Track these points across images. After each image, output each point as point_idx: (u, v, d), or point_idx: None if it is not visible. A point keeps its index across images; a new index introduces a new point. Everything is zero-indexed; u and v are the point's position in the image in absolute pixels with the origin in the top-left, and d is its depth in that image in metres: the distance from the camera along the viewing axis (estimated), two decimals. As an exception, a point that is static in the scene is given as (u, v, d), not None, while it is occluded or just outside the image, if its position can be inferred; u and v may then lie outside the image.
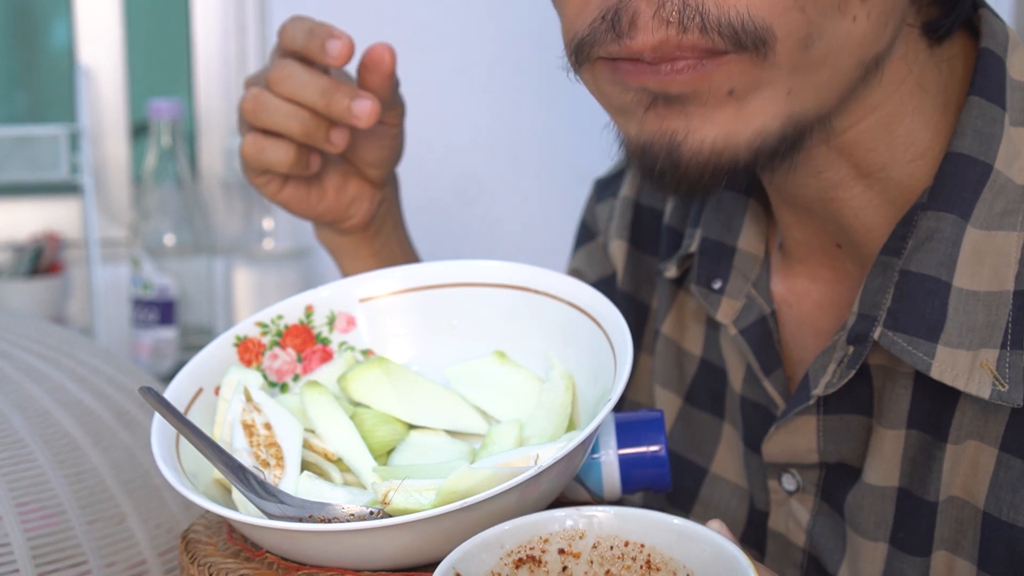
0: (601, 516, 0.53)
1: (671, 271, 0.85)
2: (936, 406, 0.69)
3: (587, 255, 0.98)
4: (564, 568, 0.54)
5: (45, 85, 1.77)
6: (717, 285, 0.81)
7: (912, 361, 0.67)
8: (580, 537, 0.54)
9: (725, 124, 0.64)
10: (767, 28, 0.61)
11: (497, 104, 1.67)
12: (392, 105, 0.86)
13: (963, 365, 0.66)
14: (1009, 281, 0.66)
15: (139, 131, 1.72)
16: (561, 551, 0.54)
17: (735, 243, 0.81)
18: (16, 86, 1.77)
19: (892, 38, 0.67)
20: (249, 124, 0.84)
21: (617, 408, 0.94)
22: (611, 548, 0.53)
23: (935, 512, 0.69)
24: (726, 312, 0.80)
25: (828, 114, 0.67)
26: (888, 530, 0.71)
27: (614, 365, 0.63)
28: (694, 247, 0.83)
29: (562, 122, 1.70)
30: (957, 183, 0.68)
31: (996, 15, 0.72)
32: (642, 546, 0.53)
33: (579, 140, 1.70)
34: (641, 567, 0.53)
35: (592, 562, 0.54)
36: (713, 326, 0.85)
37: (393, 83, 0.83)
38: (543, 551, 0.54)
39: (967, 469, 0.67)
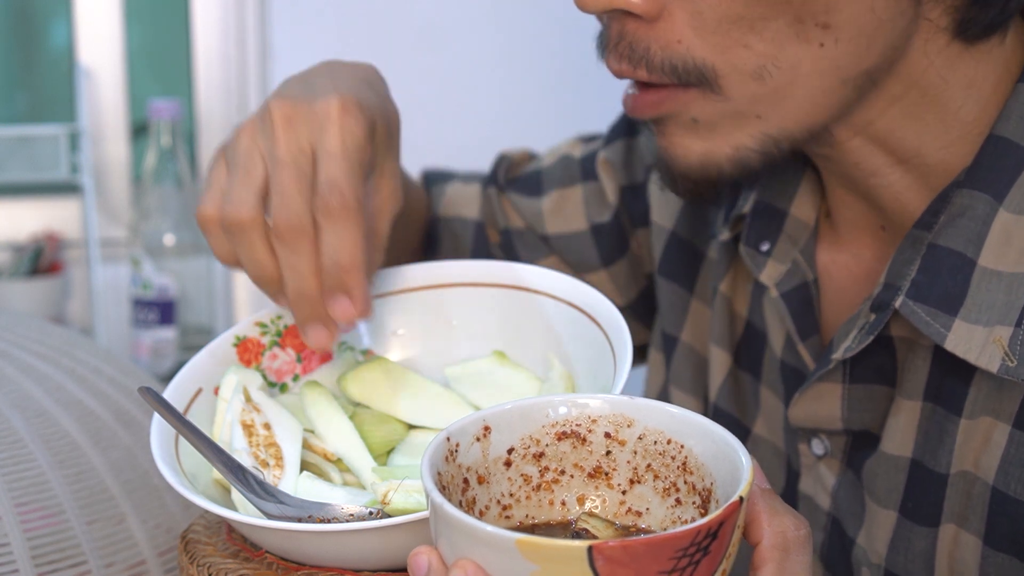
0: (652, 408, 0.53)
1: (724, 234, 0.86)
2: (952, 380, 0.70)
3: (623, 149, 0.94)
4: (608, 452, 0.54)
5: (45, 85, 1.77)
6: (765, 247, 0.81)
7: (928, 332, 0.68)
8: (628, 426, 0.53)
9: (701, 145, 0.70)
10: (708, 67, 0.66)
11: (499, 104, 1.67)
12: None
13: (977, 340, 0.67)
14: None
15: (139, 131, 1.72)
16: (608, 435, 0.54)
17: (788, 208, 0.82)
18: (16, 86, 1.77)
19: (886, 49, 0.67)
20: None
21: (670, 352, 0.93)
22: (655, 443, 0.53)
23: (945, 484, 0.70)
24: (770, 274, 0.81)
25: (823, 128, 0.70)
26: (899, 498, 0.72)
27: (614, 365, 0.63)
28: (747, 208, 0.84)
29: (564, 123, 1.70)
30: (995, 165, 0.69)
31: None
32: (682, 447, 0.52)
33: (579, 140, 1.69)
34: (678, 468, 0.53)
35: (636, 453, 0.53)
36: (760, 289, 0.85)
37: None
38: (590, 430, 0.54)
39: (979, 444, 0.68)
